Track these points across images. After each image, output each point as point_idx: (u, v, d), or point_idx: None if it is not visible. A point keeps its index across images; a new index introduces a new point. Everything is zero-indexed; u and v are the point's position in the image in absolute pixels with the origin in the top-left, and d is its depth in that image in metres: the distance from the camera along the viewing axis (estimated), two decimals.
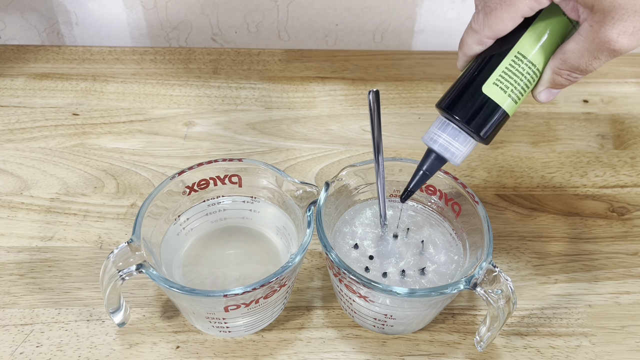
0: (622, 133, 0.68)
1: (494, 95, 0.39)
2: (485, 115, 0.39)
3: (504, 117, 0.40)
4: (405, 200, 0.45)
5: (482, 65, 0.40)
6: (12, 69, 0.73)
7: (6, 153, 0.63)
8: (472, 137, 0.41)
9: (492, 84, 0.39)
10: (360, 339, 0.49)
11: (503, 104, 0.39)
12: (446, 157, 0.41)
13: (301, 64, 0.75)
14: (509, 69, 0.39)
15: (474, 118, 0.39)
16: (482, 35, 0.39)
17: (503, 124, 0.40)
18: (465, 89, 0.40)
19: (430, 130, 0.42)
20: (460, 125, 0.40)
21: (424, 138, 0.42)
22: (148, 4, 0.76)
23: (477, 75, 0.40)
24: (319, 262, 0.54)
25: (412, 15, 0.77)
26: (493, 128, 0.40)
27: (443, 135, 0.41)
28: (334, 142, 0.65)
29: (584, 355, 0.48)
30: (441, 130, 0.41)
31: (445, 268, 0.47)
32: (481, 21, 0.38)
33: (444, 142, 0.41)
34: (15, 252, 0.54)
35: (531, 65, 0.39)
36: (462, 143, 0.41)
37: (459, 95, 0.40)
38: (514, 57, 0.39)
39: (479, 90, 0.39)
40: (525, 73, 0.39)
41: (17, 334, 0.48)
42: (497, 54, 0.39)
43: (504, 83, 0.39)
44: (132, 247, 0.42)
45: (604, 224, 0.58)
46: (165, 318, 0.49)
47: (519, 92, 0.39)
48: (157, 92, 0.71)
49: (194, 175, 0.48)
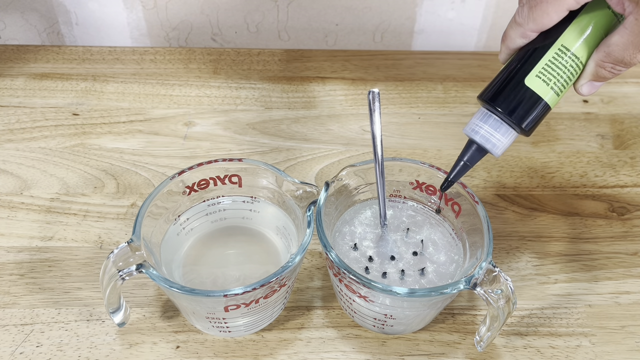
0: (622, 133, 0.68)
1: (537, 87, 0.39)
2: (527, 107, 0.40)
3: (546, 110, 0.40)
4: (446, 190, 0.45)
5: (525, 58, 0.40)
6: (12, 69, 0.73)
7: (6, 153, 0.63)
8: (514, 129, 0.41)
9: (534, 76, 0.39)
10: (360, 339, 0.49)
11: (545, 97, 0.40)
12: (487, 148, 0.41)
13: (301, 64, 0.75)
14: (552, 61, 0.39)
15: (515, 110, 0.40)
16: (526, 28, 0.39)
17: (545, 116, 0.41)
18: (507, 81, 0.40)
19: (471, 122, 0.42)
20: (502, 117, 0.40)
21: (466, 129, 0.42)
22: (148, 4, 0.76)
23: (520, 67, 0.40)
24: (319, 262, 0.54)
25: (412, 15, 0.77)
26: (535, 120, 0.40)
27: (485, 127, 0.41)
28: (334, 142, 0.65)
29: (584, 355, 0.48)
30: (483, 122, 0.41)
31: (445, 268, 0.47)
32: (526, 14, 0.39)
33: (485, 133, 0.41)
34: (15, 252, 0.54)
35: (574, 58, 0.39)
36: (504, 134, 0.41)
37: (502, 87, 0.40)
38: (557, 50, 0.39)
39: (521, 83, 0.40)
40: (569, 66, 0.39)
41: (17, 334, 0.48)
42: (540, 47, 0.40)
43: (547, 75, 0.39)
44: (132, 247, 0.42)
45: (604, 224, 0.58)
46: (165, 318, 0.49)
47: (562, 84, 0.40)
48: (157, 92, 0.71)
49: (194, 175, 0.48)
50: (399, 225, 0.50)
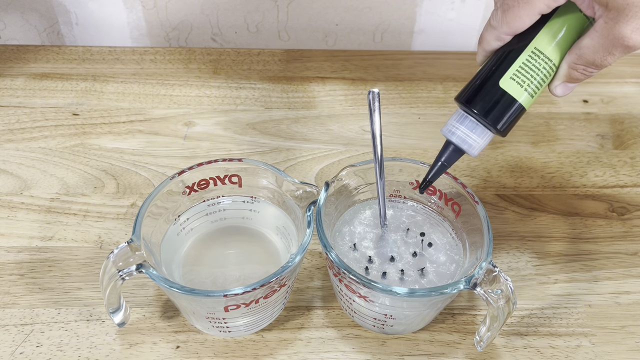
0: (622, 133, 0.68)
1: (511, 89, 0.40)
2: (502, 108, 0.40)
3: (521, 111, 0.41)
4: (424, 191, 0.46)
5: (500, 60, 0.41)
6: (12, 69, 0.73)
7: (6, 153, 0.63)
8: (490, 129, 0.41)
9: (509, 78, 0.40)
10: (360, 339, 0.49)
11: (520, 98, 0.40)
12: (464, 148, 0.42)
13: (301, 64, 0.75)
14: (525, 64, 0.40)
15: (491, 111, 0.40)
16: (500, 31, 0.40)
17: (520, 117, 0.41)
18: (483, 83, 0.41)
19: (448, 123, 0.43)
20: (478, 118, 0.41)
21: (443, 130, 0.43)
22: (148, 4, 0.76)
23: (495, 70, 0.41)
24: (319, 262, 0.54)
25: (412, 16, 0.77)
26: (510, 121, 0.41)
27: (461, 128, 0.42)
28: (334, 142, 0.65)
29: (584, 355, 0.48)
30: (459, 123, 0.42)
31: (445, 268, 0.47)
32: (499, 18, 0.39)
33: (461, 134, 0.42)
34: (15, 252, 0.54)
35: (547, 60, 0.40)
36: (480, 135, 0.42)
37: (477, 89, 0.41)
38: (530, 52, 0.40)
39: (496, 85, 0.40)
40: (542, 68, 0.40)
41: (17, 334, 0.48)
42: (514, 50, 0.40)
43: (521, 78, 0.40)
44: (132, 247, 0.42)
45: (604, 224, 0.58)
46: (165, 318, 0.49)
47: (536, 86, 0.40)
48: (157, 92, 0.71)
49: (194, 175, 0.48)
50: (399, 225, 0.50)
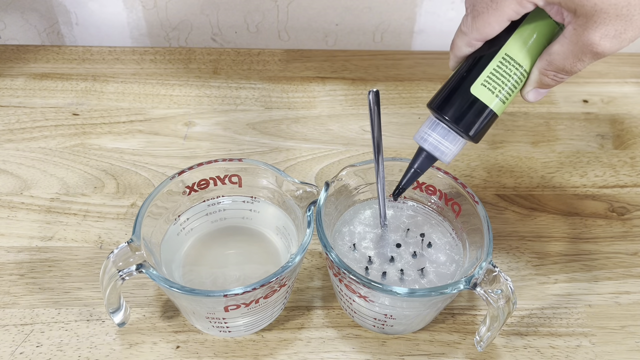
0: (622, 133, 0.68)
1: (482, 95, 0.40)
2: (474, 115, 0.40)
3: (492, 117, 0.41)
4: (397, 198, 0.45)
5: (471, 66, 0.40)
6: (12, 69, 0.73)
7: (6, 153, 0.63)
8: (462, 136, 0.41)
9: (480, 84, 0.40)
10: (360, 339, 0.49)
11: (491, 104, 0.40)
12: (436, 155, 0.42)
13: (301, 64, 0.75)
14: (496, 70, 0.39)
15: (462, 118, 0.40)
16: (470, 37, 0.39)
17: (492, 124, 0.41)
18: (454, 90, 0.41)
19: (421, 130, 0.42)
20: (450, 125, 0.41)
21: (415, 137, 0.43)
22: (148, 4, 0.76)
23: (466, 76, 0.40)
24: (319, 262, 0.54)
25: (412, 16, 0.77)
26: (481, 127, 0.40)
27: (433, 135, 0.42)
28: (334, 142, 0.65)
29: (584, 355, 0.48)
30: (431, 130, 0.42)
31: (445, 268, 0.47)
32: (470, 24, 0.39)
33: (434, 141, 0.42)
34: (15, 252, 0.54)
35: (518, 66, 0.39)
36: (452, 142, 0.41)
37: (449, 95, 0.41)
38: (501, 58, 0.39)
39: (467, 91, 0.40)
40: (513, 74, 0.40)
41: (17, 334, 0.48)
42: (485, 56, 0.40)
43: (492, 84, 0.40)
44: (132, 247, 0.42)
45: (604, 224, 0.58)
46: (165, 318, 0.49)
47: (507, 92, 0.40)
48: (157, 92, 0.71)
49: (194, 175, 0.48)
50: (399, 225, 0.50)
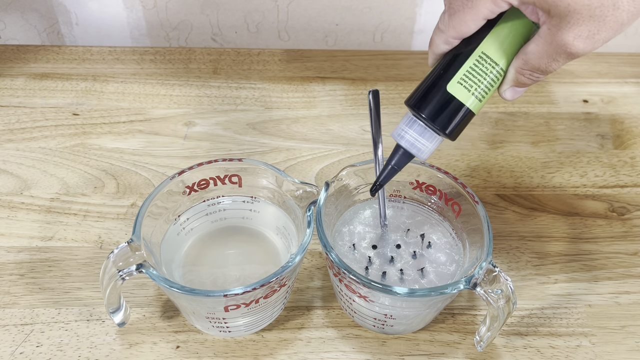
0: (622, 133, 0.68)
1: (459, 94, 0.40)
2: (450, 113, 0.40)
3: (469, 115, 0.41)
4: (374, 194, 0.45)
5: (448, 64, 0.40)
6: (12, 69, 0.73)
7: (6, 153, 0.63)
8: (438, 133, 0.41)
9: (456, 83, 0.40)
10: (360, 339, 0.49)
11: (467, 102, 0.40)
12: (413, 152, 0.42)
13: (301, 64, 0.75)
14: (472, 68, 0.39)
15: (438, 116, 0.40)
16: (447, 35, 0.40)
17: (468, 122, 0.41)
18: (431, 88, 0.41)
19: (398, 127, 0.42)
20: (426, 123, 0.41)
21: (393, 134, 0.43)
22: (148, 4, 0.76)
23: (442, 74, 0.40)
24: (319, 262, 0.54)
25: (412, 15, 0.77)
26: (457, 125, 0.40)
27: (410, 132, 0.41)
28: (334, 142, 0.65)
29: (584, 355, 0.48)
30: (408, 127, 0.42)
31: (445, 268, 0.47)
32: (446, 22, 0.39)
33: (410, 138, 0.41)
34: (15, 252, 0.54)
35: (494, 64, 0.39)
36: (428, 139, 0.41)
37: (425, 93, 0.41)
38: (477, 57, 0.39)
39: (443, 89, 0.40)
40: (489, 72, 0.39)
41: (17, 334, 0.48)
42: (462, 54, 0.40)
43: (468, 82, 0.39)
44: (132, 247, 0.42)
45: (604, 224, 0.58)
46: (165, 318, 0.49)
47: (483, 90, 0.40)
48: (157, 92, 0.71)
49: (194, 175, 0.48)
50: (399, 225, 0.50)
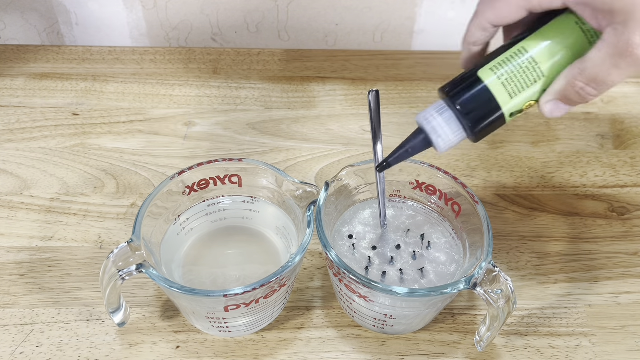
0: (622, 133, 0.68)
1: (491, 84, 0.39)
2: (479, 102, 0.40)
3: (500, 117, 0.40)
4: (381, 172, 0.45)
5: (488, 56, 0.40)
6: (12, 69, 0.73)
7: (6, 153, 0.63)
8: (465, 129, 0.41)
9: (488, 69, 0.39)
10: (360, 339, 0.49)
11: (493, 89, 0.39)
12: (432, 139, 0.41)
13: (301, 64, 0.75)
14: (508, 59, 0.39)
15: (467, 101, 0.40)
16: (484, 18, 0.39)
17: (497, 126, 0.41)
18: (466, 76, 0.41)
19: (426, 111, 0.41)
20: (458, 115, 0.40)
21: (418, 117, 0.42)
22: (148, 4, 0.76)
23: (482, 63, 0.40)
24: (319, 262, 0.54)
25: (412, 16, 0.77)
26: (487, 125, 0.40)
27: (438, 119, 0.41)
28: (334, 142, 0.65)
29: (584, 355, 0.48)
30: (438, 113, 0.41)
31: (445, 268, 0.47)
32: (487, 2, 0.38)
33: (436, 124, 0.41)
34: (15, 252, 0.54)
35: (534, 63, 0.39)
36: (453, 131, 0.41)
37: (460, 81, 0.40)
38: (517, 49, 0.39)
39: (474, 74, 0.40)
40: (525, 67, 0.39)
41: (17, 334, 0.48)
42: (502, 47, 0.40)
43: (501, 72, 0.39)
44: (132, 247, 0.42)
45: (604, 224, 0.58)
46: (165, 318, 0.49)
47: (516, 86, 0.39)
48: (157, 92, 0.71)
49: (194, 175, 0.48)
50: (399, 225, 0.50)
